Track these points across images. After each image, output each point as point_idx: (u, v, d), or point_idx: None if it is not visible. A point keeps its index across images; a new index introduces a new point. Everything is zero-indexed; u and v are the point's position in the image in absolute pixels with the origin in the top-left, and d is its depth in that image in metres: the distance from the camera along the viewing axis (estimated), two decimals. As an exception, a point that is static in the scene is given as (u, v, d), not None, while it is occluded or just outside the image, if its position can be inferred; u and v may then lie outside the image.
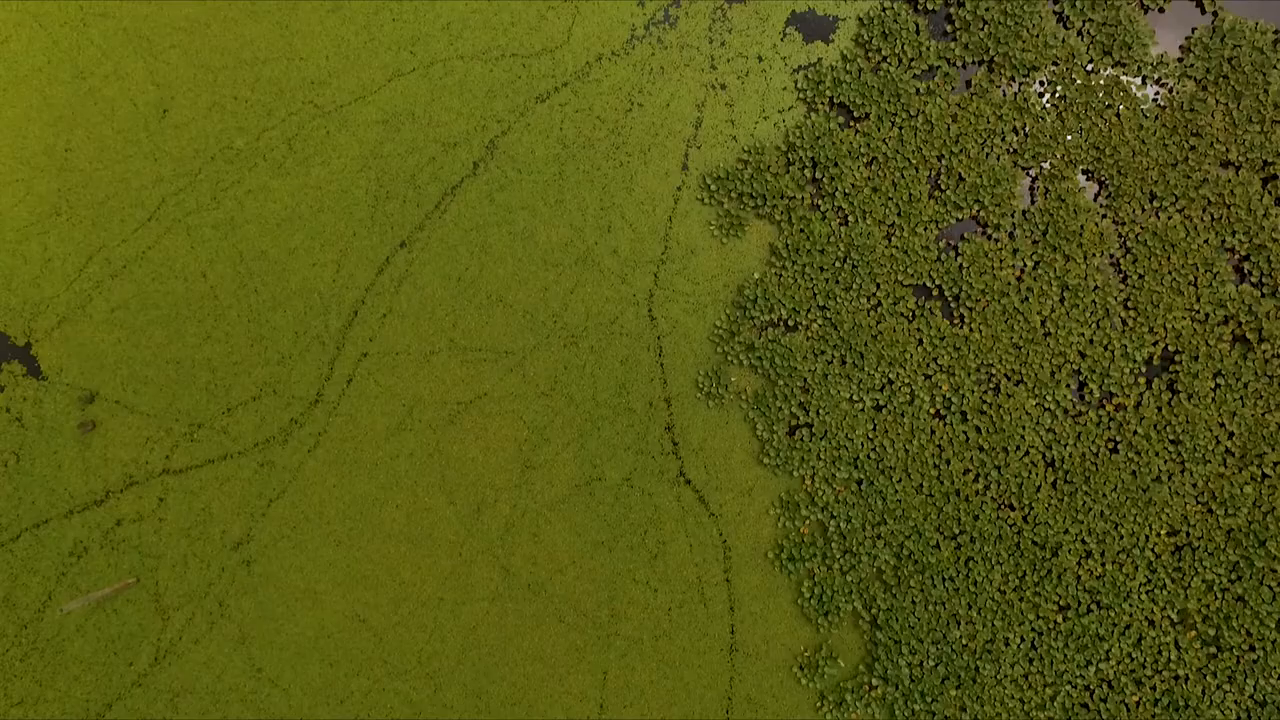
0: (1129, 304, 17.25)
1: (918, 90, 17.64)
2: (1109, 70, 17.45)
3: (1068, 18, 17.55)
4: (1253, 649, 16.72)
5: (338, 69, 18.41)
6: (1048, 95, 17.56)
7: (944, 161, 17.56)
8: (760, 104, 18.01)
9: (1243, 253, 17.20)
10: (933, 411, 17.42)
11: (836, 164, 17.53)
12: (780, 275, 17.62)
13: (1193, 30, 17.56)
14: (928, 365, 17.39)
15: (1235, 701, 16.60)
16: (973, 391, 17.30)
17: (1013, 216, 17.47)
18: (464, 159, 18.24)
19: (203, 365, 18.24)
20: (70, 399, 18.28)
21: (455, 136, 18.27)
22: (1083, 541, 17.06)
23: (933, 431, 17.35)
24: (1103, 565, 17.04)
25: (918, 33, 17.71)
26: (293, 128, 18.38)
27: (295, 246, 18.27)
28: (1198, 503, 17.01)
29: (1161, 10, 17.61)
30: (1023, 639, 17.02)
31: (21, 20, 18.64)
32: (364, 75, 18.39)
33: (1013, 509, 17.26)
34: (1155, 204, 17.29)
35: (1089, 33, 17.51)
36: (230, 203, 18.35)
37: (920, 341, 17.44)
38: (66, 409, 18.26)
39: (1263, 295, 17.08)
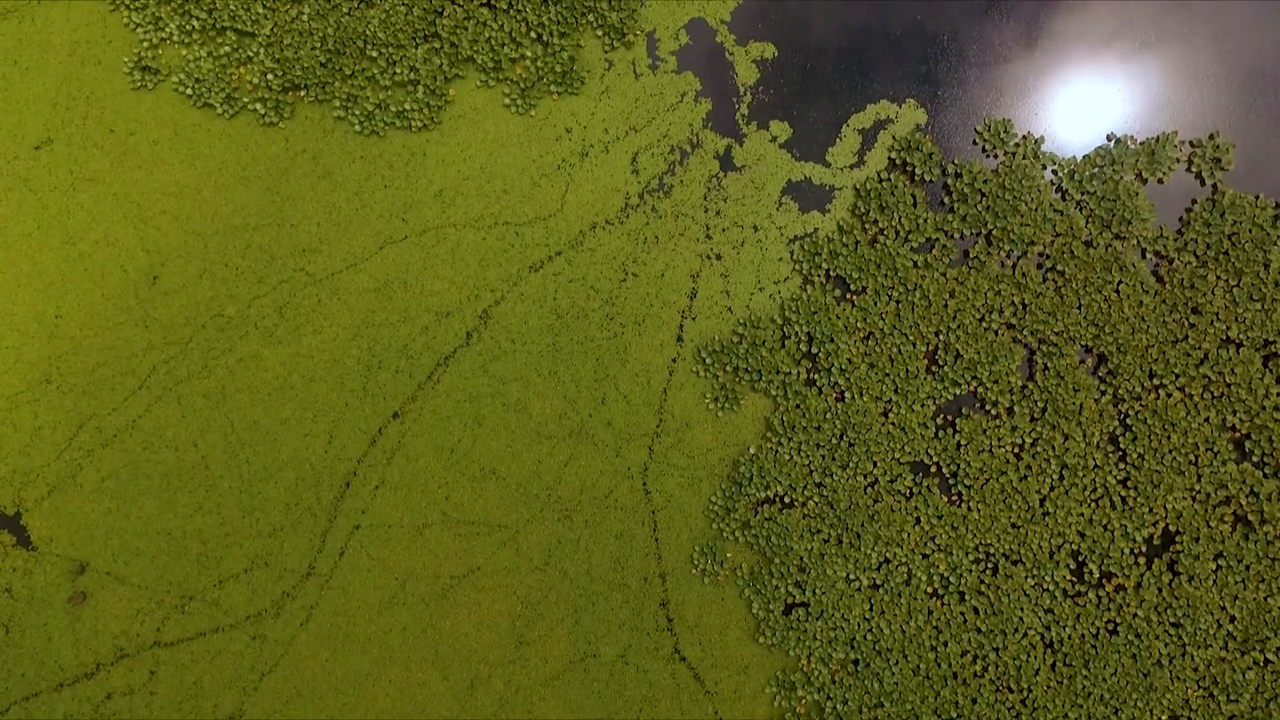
0: (1128, 483, 17.06)
1: (915, 263, 17.47)
2: (1108, 244, 17.26)
3: (1066, 190, 17.37)
4: (1255, 837, 16.54)
5: (329, 236, 18.26)
6: (1046, 269, 17.38)
7: (941, 337, 17.38)
8: (756, 275, 17.84)
9: (1244, 432, 17.00)
10: (930, 591, 17.25)
11: (832, 339, 17.36)
12: (776, 451, 17.44)
13: (1193, 202, 17.38)
14: (925, 544, 17.22)
15: None
16: (970, 571, 17.13)
17: (1011, 393, 17.29)
18: (457, 328, 18.08)
19: (194, 537, 18.08)
20: (60, 570, 18.13)
21: (448, 305, 18.12)
22: (1082, 725, 16.89)
23: (930, 612, 17.18)
24: (1103, 750, 16.86)
25: (915, 205, 17.53)
26: (284, 295, 18.23)
27: (287, 417, 18.11)
28: (1199, 687, 16.83)
29: (1160, 181, 17.43)
30: (1022, 824, 16.84)
31: (11, 185, 18.49)
32: (355, 243, 18.24)
33: (1011, 692, 17.08)
34: (1155, 381, 17.10)
35: (1088, 205, 17.33)
36: (221, 371, 18.20)
37: (918, 520, 17.26)
38: (56, 580, 18.11)
39: (1265, 476, 16.88)
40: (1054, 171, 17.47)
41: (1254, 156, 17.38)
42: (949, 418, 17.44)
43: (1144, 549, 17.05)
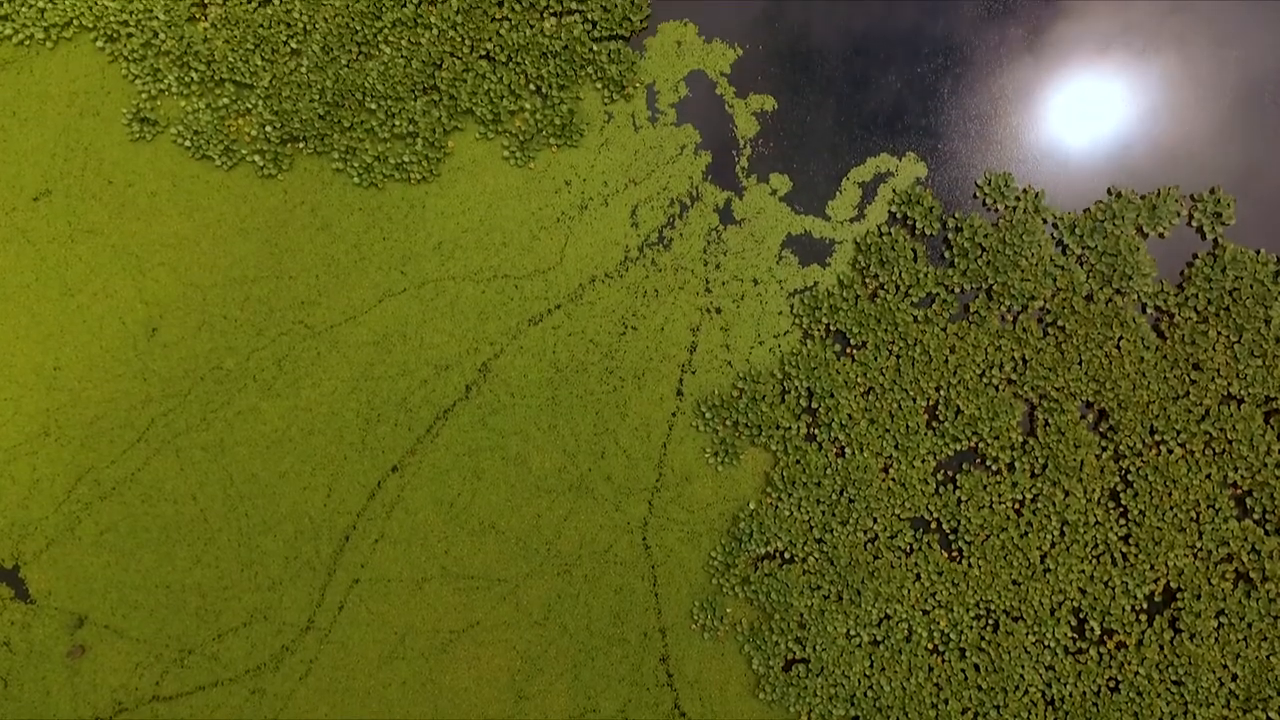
0: (1129, 540, 17.01)
1: (915, 318, 17.42)
2: (1109, 299, 17.21)
3: (1067, 244, 17.32)
4: None
5: (328, 288, 18.22)
6: (1047, 324, 17.32)
7: (942, 392, 17.33)
8: (755, 328, 17.79)
9: (1245, 489, 16.95)
10: (930, 648, 17.19)
11: (833, 394, 17.31)
12: (776, 507, 17.39)
13: (1194, 257, 17.32)
14: (925, 600, 17.17)
15: None
16: (971, 628, 17.07)
17: (1011, 449, 17.24)
18: (456, 382, 18.04)
19: (193, 590, 18.04)
20: (59, 623, 18.09)
21: (447, 358, 18.07)
22: (1083, 783, 16.84)
23: (930, 669, 17.12)
24: (1104, 808, 16.81)
25: (915, 259, 17.49)
26: (283, 348, 18.18)
27: (286, 470, 18.07)
28: (1200, 746, 16.78)
29: (1162, 236, 17.37)
30: None
31: (9, 236, 18.46)
32: (354, 295, 18.19)
33: (1012, 749, 17.04)
34: (1156, 437, 17.05)
35: (1088, 260, 17.27)
36: (220, 424, 18.16)
37: (918, 576, 17.21)
38: (55, 634, 18.07)
39: (1266, 533, 16.83)
40: (1055, 225, 17.42)
41: (1256, 209, 17.33)
42: (949, 473, 17.39)
43: (1145, 606, 17.00)
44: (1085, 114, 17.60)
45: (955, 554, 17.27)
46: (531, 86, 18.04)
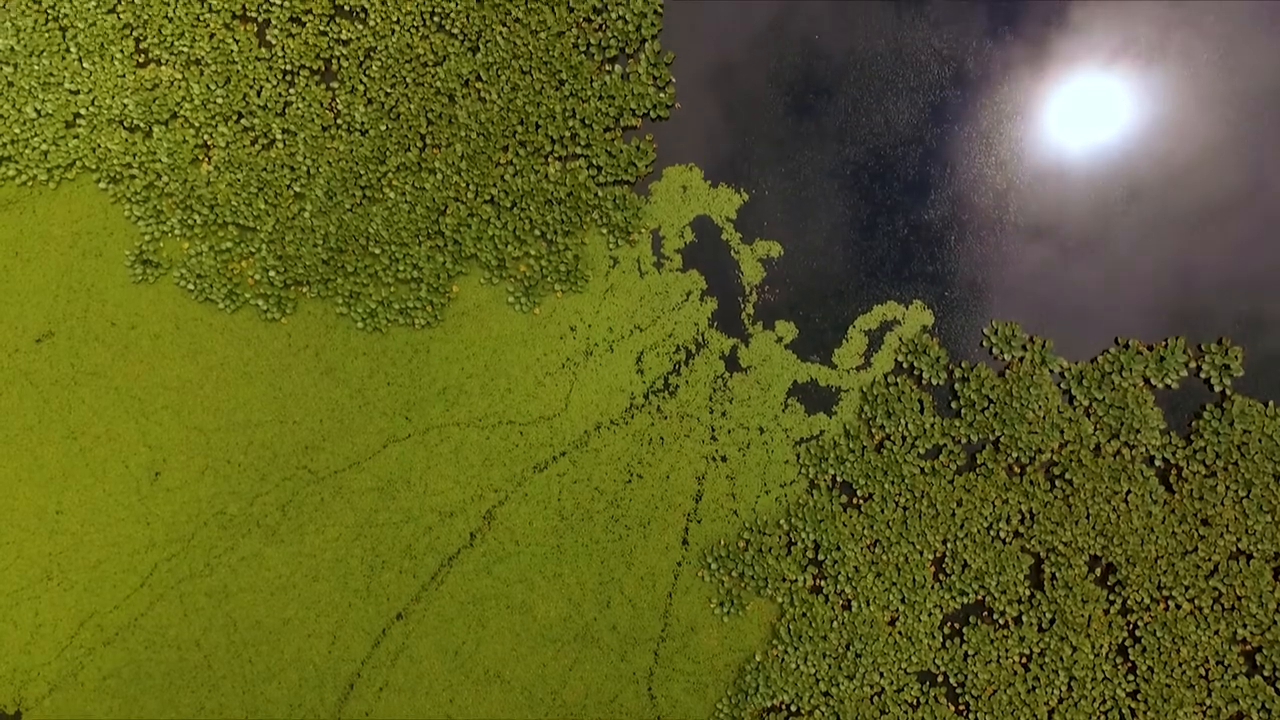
0: (1138, 696, 16.93)
1: (921, 470, 17.34)
2: (1116, 452, 17.12)
3: (1074, 396, 17.23)
4: None
5: (331, 433, 18.14)
6: (1054, 477, 17.23)
7: (948, 545, 17.25)
8: (761, 477, 17.71)
9: (1255, 645, 16.87)
10: (938, 804, 17.13)
11: (839, 547, 17.24)
12: (782, 659, 17.31)
13: (1203, 407, 17.22)
14: (933, 756, 17.10)
15: None
16: (979, 784, 17.00)
17: (1019, 603, 17.15)
18: (460, 529, 17.96)
19: (196, 737, 17.98)
20: (62, 770, 18.02)
21: (451, 505, 17.99)
22: None
23: (938, 825, 17.06)
24: None
25: (922, 410, 17.40)
26: (286, 493, 18.11)
27: (290, 617, 17.99)
28: None
29: (1169, 388, 17.28)
30: None
31: (12, 378, 18.39)
32: (358, 440, 18.11)
33: None
34: (1164, 593, 16.96)
35: (1096, 412, 17.19)
36: (224, 570, 18.08)
37: (925, 732, 17.15)
38: (58, 780, 18.01)
39: (1277, 691, 16.75)
40: (1062, 376, 17.34)
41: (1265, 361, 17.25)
42: (956, 627, 17.31)
43: (1153, 763, 16.93)
44: (1096, 264, 17.51)
45: (962, 709, 17.19)
46: (536, 232, 17.97)
